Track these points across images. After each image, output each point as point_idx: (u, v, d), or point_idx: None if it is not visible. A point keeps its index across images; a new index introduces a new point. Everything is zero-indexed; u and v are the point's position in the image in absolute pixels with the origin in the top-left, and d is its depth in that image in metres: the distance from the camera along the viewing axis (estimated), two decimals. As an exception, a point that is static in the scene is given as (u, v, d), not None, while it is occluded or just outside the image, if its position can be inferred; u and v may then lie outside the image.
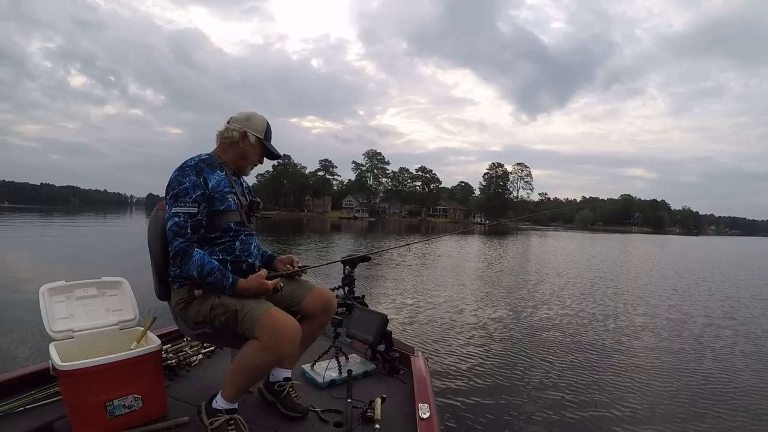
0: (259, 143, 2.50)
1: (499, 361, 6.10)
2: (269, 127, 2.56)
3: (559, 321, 8.59)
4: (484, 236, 44.98)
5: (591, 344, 7.08)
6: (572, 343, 7.14)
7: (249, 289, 2.23)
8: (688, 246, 48.99)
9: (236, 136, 2.45)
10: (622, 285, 14.02)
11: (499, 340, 7.14)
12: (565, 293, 11.97)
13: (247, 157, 2.50)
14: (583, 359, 6.33)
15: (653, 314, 9.59)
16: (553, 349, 6.77)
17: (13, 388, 2.40)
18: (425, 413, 2.35)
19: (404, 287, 11.74)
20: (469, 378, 5.42)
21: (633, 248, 38.23)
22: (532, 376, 5.59)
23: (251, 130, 2.47)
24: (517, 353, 6.50)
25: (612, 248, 36.33)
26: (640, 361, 6.36)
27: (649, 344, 7.24)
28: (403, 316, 8.45)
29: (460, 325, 7.96)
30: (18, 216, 49.03)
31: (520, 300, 10.78)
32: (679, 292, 13.23)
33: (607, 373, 5.83)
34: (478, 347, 6.69)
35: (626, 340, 7.42)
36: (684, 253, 35.52)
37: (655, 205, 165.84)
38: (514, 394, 5.02)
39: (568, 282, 14.15)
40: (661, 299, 11.66)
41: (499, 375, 5.59)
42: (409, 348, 3.44)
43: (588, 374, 5.75)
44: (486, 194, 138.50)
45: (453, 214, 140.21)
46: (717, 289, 14.01)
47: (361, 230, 51.74)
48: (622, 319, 9.04)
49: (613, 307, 10.30)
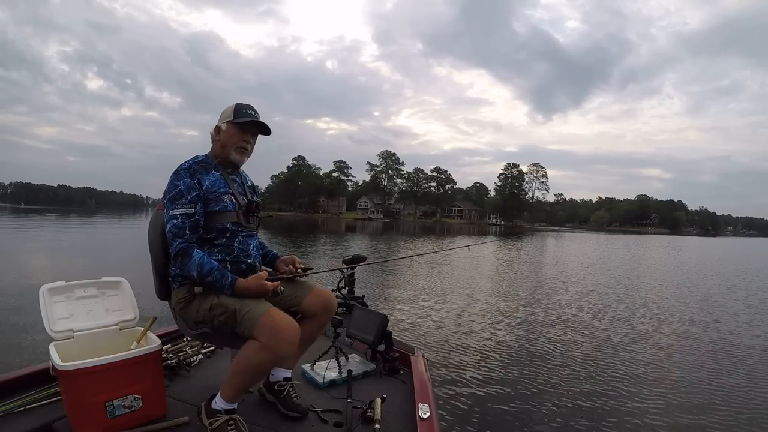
0: (232, 125, 2.45)
1: (499, 362, 6.10)
2: (240, 105, 2.48)
3: (564, 323, 8.59)
4: (499, 238, 44.87)
5: (595, 347, 7.09)
6: (579, 345, 7.13)
7: (248, 290, 2.23)
8: (709, 247, 47.24)
9: (213, 134, 2.50)
10: (639, 290, 13.34)
11: (500, 341, 7.14)
12: (575, 295, 11.89)
13: (226, 145, 2.46)
14: (585, 361, 6.34)
15: (683, 333, 8.09)
16: (556, 350, 6.77)
17: (13, 388, 2.40)
18: (425, 413, 2.35)
19: (405, 287, 11.76)
20: (469, 378, 5.42)
21: (652, 250, 36.90)
22: (532, 377, 5.59)
23: (221, 121, 2.48)
24: (517, 354, 6.51)
25: (629, 250, 35.16)
26: (651, 367, 6.11)
27: (676, 363, 6.36)
28: (404, 316, 8.47)
29: (460, 325, 7.98)
30: (33, 217, 49.35)
31: (523, 301, 10.78)
32: (710, 300, 11.93)
33: (608, 376, 5.83)
34: (478, 347, 6.70)
35: (632, 344, 7.39)
36: (708, 255, 33.43)
37: (671, 205, 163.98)
38: (515, 395, 5.02)
39: (577, 284, 14.07)
40: (692, 312, 10.17)
41: (500, 375, 5.60)
42: (409, 348, 3.43)
43: (588, 375, 5.76)
44: (501, 195, 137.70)
45: (468, 215, 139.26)
46: (758, 301, 12.16)
47: (375, 231, 51.27)
48: (635, 325, 8.90)
49: (625, 311, 10.18)
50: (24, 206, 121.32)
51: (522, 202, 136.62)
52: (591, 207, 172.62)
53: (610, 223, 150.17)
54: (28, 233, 26.73)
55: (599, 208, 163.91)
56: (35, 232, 27.85)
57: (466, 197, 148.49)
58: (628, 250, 35.15)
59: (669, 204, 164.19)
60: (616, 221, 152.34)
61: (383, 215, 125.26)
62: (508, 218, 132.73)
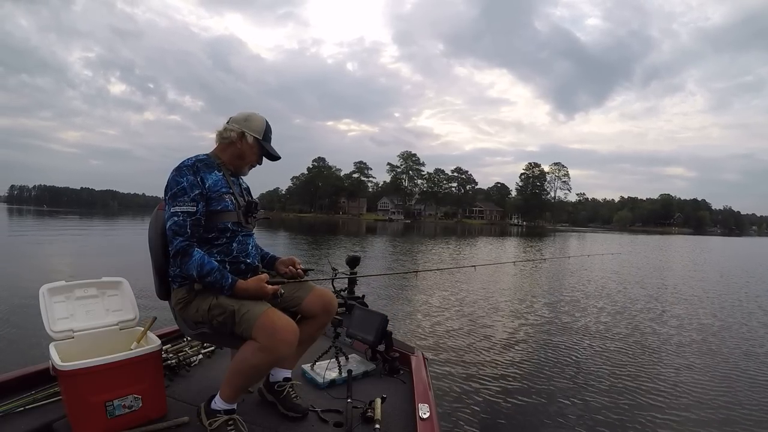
0: (257, 144, 2.47)
1: (499, 362, 6.11)
2: (269, 127, 2.53)
3: (565, 325, 8.61)
4: (521, 238, 44.54)
5: (598, 350, 7.11)
6: (580, 346, 7.16)
7: (247, 291, 2.23)
8: (737, 248, 45.56)
9: (234, 137, 2.44)
10: (666, 293, 12.85)
11: (501, 341, 7.15)
12: (583, 298, 11.83)
13: (245, 158, 2.48)
14: (586, 362, 6.37)
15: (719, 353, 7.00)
16: (556, 351, 6.80)
17: (13, 388, 2.41)
18: (425, 413, 2.34)
19: (405, 287, 11.78)
20: (469, 378, 5.43)
21: (678, 251, 35.73)
22: (532, 377, 5.60)
23: (249, 130, 2.44)
24: (518, 354, 6.52)
25: (656, 251, 34.16)
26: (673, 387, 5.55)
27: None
28: (404, 316, 8.49)
29: (460, 325, 7.98)
30: (57, 219, 49.92)
31: (525, 301, 10.79)
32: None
33: (610, 377, 5.84)
34: (478, 347, 6.72)
35: (635, 346, 7.41)
36: (739, 257, 31.98)
37: (695, 204, 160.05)
38: (515, 395, 5.02)
39: (586, 286, 13.94)
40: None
41: (500, 375, 5.60)
42: (409, 348, 3.43)
43: (589, 375, 5.77)
44: (523, 195, 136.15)
45: (489, 215, 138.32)
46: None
47: (395, 233, 50.68)
48: (639, 327, 8.90)
49: (641, 312, 10.13)
50: (46, 208, 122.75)
51: (544, 202, 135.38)
52: (613, 207, 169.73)
53: (633, 223, 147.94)
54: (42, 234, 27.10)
55: (622, 207, 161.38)
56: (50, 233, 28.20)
57: (487, 198, 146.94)
58: (658, 252, 33.26)
59: (692, 203, 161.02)
60: (639, 221, 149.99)
61: (404, 216, 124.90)
62: (530, 219, 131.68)
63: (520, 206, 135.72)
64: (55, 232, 28.60)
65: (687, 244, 49.46)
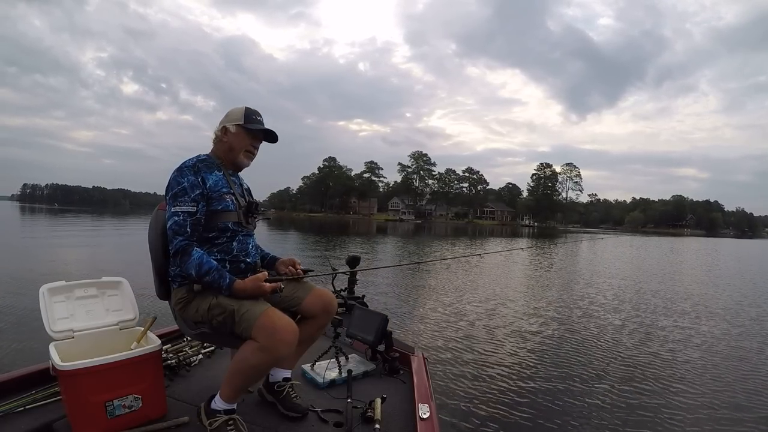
0: (241, 129, 2.47)
1: (499, 362, 6.12)
2: (249, 110, 2.50)
3: (568, 326, 8.61)
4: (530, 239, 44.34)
5: (602, 351, 7.12)
6: (581, 347, 7.14)
7: (245, 291, 2.23)
8: (753, 251, 44.30)
9: (219, 135, 2.49)
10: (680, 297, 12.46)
11: (501, 341, 7.16)
12: (590, 299, 11.76)
13: (234, 148, 2.48)
14: (587, 363, 6.39)
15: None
16: (557, 351, 6.80)
17: (13, 388, 2.41)
18: (425, 413, 2.35)
19: (406, 287, 11.81)
20: (469, 378, 5.43)
21: (693, 254, 34.59)
22: (533, 377, 5.60)
23: (229, 122, 2.48)
24: (518, 354, 6.52)
25: (669, 253, 33.23)
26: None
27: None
28: (404, 316, 8.51)
29: (461, 325, 7.99)
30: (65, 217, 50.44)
31: (526, 302, 10.81)
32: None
33: (611, 379, 5.86)
34: (479, 347, 6.72)
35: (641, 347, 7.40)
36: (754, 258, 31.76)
37: (707, 206, 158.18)
38: (515, 395, 5.03)
39: (593, 286, 13.86)
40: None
41: (500, 375, 5.60)
42: (409, 348, 3.43)
43: (591, 376, 5.78)
44: (534, 196, 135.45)
45: (500, 216, 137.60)
46: None
47: (405, 233, 50.35)
48: (644, 325, 8.91)
49: (645, 312, 10.12)
50: (57, 207, 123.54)
51: (555, 203, 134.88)
52: (625, 208, 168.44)
53: (645, 224, 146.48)
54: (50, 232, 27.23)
55: (634, 208, 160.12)
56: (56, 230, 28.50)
57: (499, 198, 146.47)
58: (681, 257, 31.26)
59: (705, 204, 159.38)
60: (651, 222, 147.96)
61: (414, 216, 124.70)
62: (541, 219, 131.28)
63: (532, 207, 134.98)
64: (61, 232, 28.74)
65: (701, 246, 48.60)
